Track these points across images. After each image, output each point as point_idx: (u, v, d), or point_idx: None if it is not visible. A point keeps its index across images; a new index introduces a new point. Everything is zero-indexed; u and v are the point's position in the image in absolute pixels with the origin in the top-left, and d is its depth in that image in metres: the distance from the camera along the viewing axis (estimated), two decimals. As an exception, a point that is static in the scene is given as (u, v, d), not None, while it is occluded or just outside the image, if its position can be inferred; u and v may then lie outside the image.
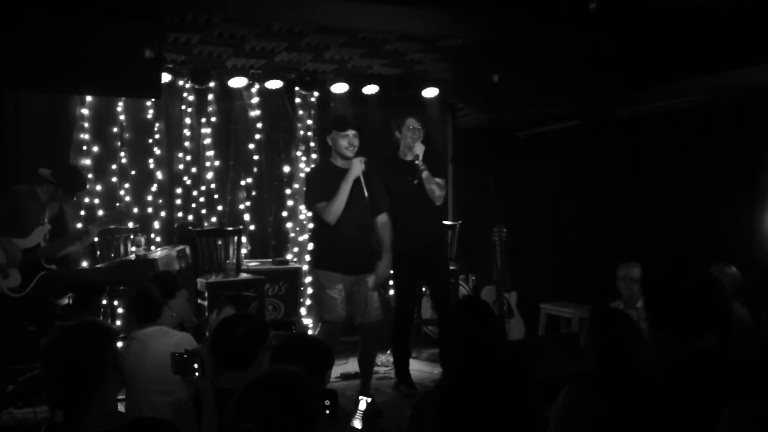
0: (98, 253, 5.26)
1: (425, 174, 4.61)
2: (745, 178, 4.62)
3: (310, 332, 6.08)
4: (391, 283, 5.28)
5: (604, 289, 4.67)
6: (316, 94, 6.25)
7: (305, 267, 6.27)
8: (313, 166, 6.17)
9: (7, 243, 4.22)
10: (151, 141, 5.79)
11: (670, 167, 5.13)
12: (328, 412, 1.99)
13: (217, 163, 6.03)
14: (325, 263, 4.29)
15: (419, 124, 4.68)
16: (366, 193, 4.21)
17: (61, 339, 1.89)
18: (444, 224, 5.64)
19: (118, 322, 5.38)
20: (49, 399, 1.90)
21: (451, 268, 5.64)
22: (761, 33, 4.18)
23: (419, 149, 4.61)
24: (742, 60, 4.30)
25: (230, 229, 5.82)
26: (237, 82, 5.81)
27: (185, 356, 2.47)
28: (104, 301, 5.30)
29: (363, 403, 2.44)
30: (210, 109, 6.00)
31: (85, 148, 5.50)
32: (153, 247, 5.45)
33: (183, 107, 5.91)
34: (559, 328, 5.75)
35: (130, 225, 5.56)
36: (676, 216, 5.07)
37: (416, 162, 4.60)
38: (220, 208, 6.05)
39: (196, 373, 2.43)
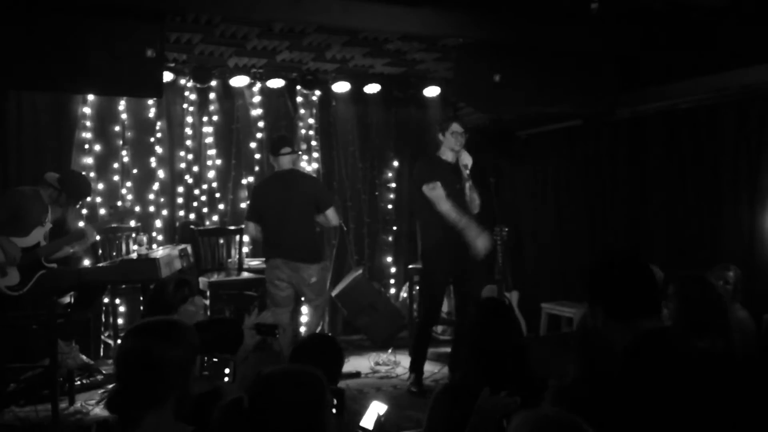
0: (100, 251, 5.28)
1: (469, 183, 4.75)
2: (746, 179, 4.61)
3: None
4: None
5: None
6: (317, 93, 6.27)
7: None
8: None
9: (5, 242, 4.23)
10: (152, 140, 5.80)
11: (672, 167, 5.12)
12: (335, 411, 1.99)
13: (218, 161, 6.05)
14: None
15: (462, 129, 4.78)
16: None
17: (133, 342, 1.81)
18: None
19: (120, 321, 5.40)
20: (109, 400, 1.81)
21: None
22: (761, 33, 4.17)
23: (468, 159, 4.74)
24: (743, 60, 4.30)
25: (232, 228, 5.83)
26: (239, 81, 5.82)
27: (215, 361, 2.41)
28: (105, 300, 5.33)
29: (376, 406, 2.41)
30: (212, 108, 6.01)
31: (87, 146, 5.52)
32: (155, 246, 5.47)
33: (185, 106, 5.92)
34: (560, 327, 5.75)
35: (132, 224, 5.58)
36: (677, 216, 5.07)
37: (466, 172, 4.74)
38: (221, 206, 6.06)
39: (226, 378, 2.36)
